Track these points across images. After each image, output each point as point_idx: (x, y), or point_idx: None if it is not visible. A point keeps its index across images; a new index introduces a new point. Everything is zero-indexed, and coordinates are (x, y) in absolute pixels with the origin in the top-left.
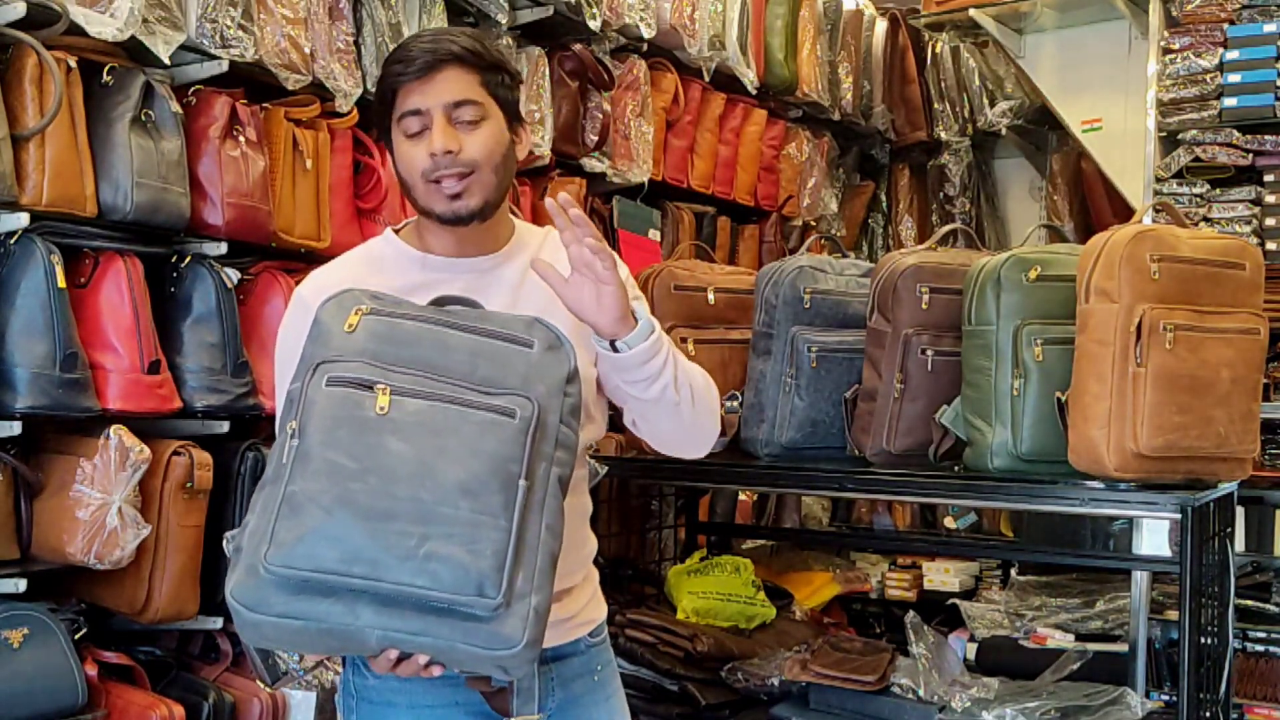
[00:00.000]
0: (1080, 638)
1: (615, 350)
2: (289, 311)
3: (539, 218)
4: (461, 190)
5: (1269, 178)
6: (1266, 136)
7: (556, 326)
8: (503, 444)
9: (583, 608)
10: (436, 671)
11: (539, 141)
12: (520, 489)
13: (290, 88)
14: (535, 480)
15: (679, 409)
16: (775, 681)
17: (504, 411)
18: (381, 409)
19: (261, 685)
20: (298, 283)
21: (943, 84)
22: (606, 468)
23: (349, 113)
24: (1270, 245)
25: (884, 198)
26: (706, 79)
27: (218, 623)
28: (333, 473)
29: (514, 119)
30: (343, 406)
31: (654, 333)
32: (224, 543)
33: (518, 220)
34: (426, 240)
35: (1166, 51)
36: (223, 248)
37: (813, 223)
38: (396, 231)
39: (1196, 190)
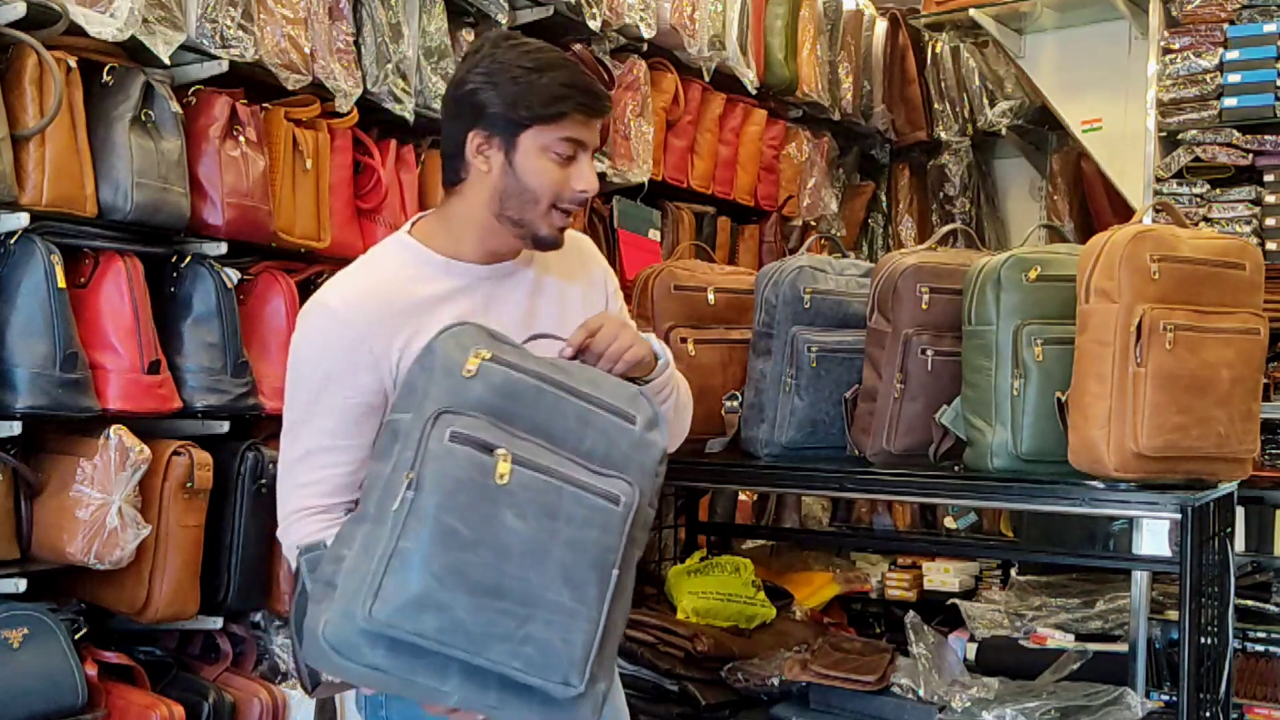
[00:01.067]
0: (1080, 638)
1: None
2: (316, 320)
3: None
4: (571, 224)
5: (1269, 178)
6: (1266, 136)
7: (656, 404)
8: (606, 534)
9: None
10: None
11: None
12: (613, 579)
13: (290, 88)
14: (625, 567)
15: (670, 417)
16: (775, 681)
17: (610, 498)
18: (502, 478)
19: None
20: (298, 283)
21: (943, 84)
22: None
23: (349, 113)
24: (1270, 245)
25: (884, 198)
26: (706, 79)
27: (218, 623)
28: (448, 539)
29: None
30: (464, 469)
31: (669, 366)
32: (295, 556)
33: None
34: (460, 241)
35: (1166, 51)
36: (223, 248)
37: (813, 223)
38: (410, 233)
39: (1196, 190)
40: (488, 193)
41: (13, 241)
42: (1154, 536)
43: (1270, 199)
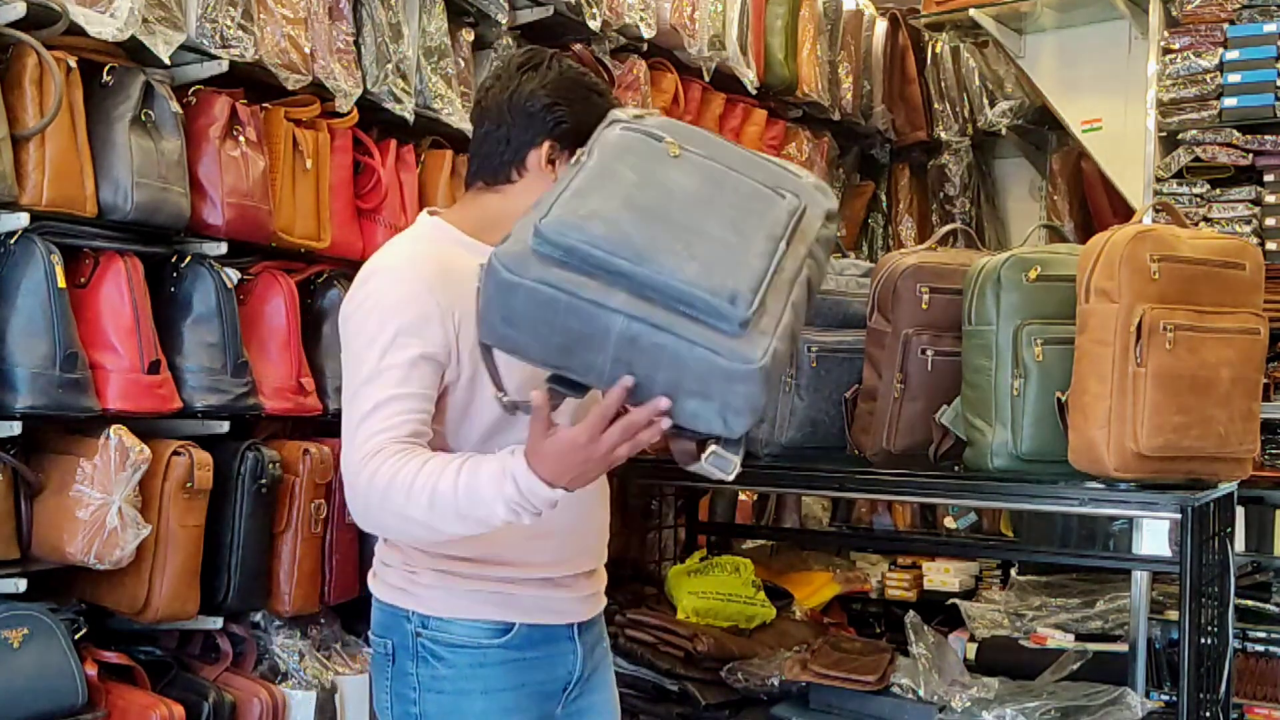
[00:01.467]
0: (1080, 638)
1: None
2: (380, 280)
3: None
4: None
5: (1269, 178)
6: (1266, 136)
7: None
8: (770, 211)
9: (603, 583)
10: (665, 424)
11: None
12: (780, 249)
13: (290, 88)
14: (790, 259)
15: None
16: (775, 681)
17: (776, 191)
18: (671, 152)
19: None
20: (298, 283)
21: (943, 84)
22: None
23: (349, 113)
24: (1270, 245)
25: (884, 198)
26: (706, 79)
27: (217, 623)
28: (618, 178)
29: None
30: (633, 139)
31: None
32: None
33: None
34: (485, 232)
35: (1166, 51)
36: (223, 248)
37: None
38: (434, 215)
39: (1196, 190)
40: (518, 191)
41: (13, 241)
42: (1154, 536)
43: (1270, 199)
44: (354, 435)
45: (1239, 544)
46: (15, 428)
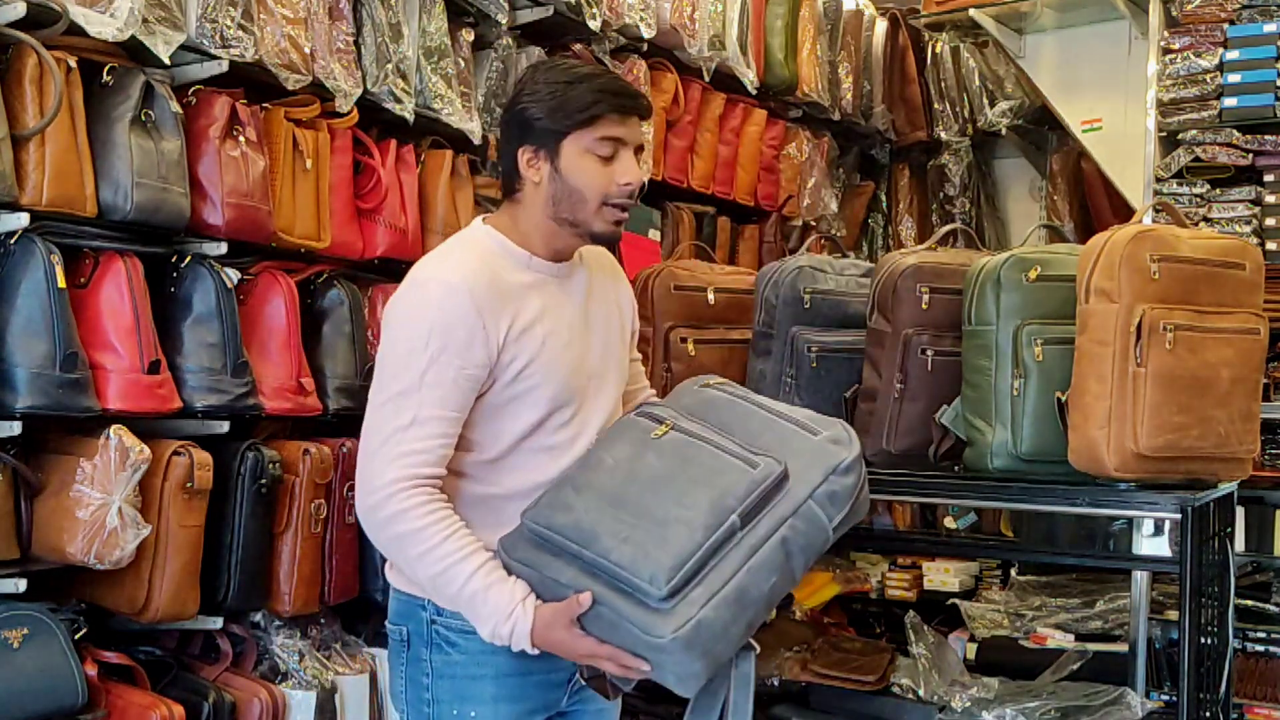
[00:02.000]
0: (1080, 638)
1: None
2: (436, 292)
3: None
4: (626, 219)
5: (1269, 178)
6: (1266, 136)
7: (852, 431)
8: (733, 484)
9: None
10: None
11: None
12: (729, 522)
13: (290, 88)
14: (754, 528)
15: None
16: (775, 681)
17: (748, 463)
18: (656, 434)
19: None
20: (298, 283)
21: (943, 84)
22: None
23: (349, 113)
24: (1270, 245)
25: (884, 198)
26: (706, 79)
27: (218, 622)
28: (594, 465)
29: None
30: (631, 425)
31: None
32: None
33: None
34: (531, 241)
35: (1166, 51)
36: (223, 248)
37: (813, 223)
38: (487, 224)
39: (1196, 190)
40: (542, 199)
41: (13, 241)
42: (1154, 536)
43: (1270, 199)
44: (386, 444)
45: (1239, 544)
46: (15, 428)
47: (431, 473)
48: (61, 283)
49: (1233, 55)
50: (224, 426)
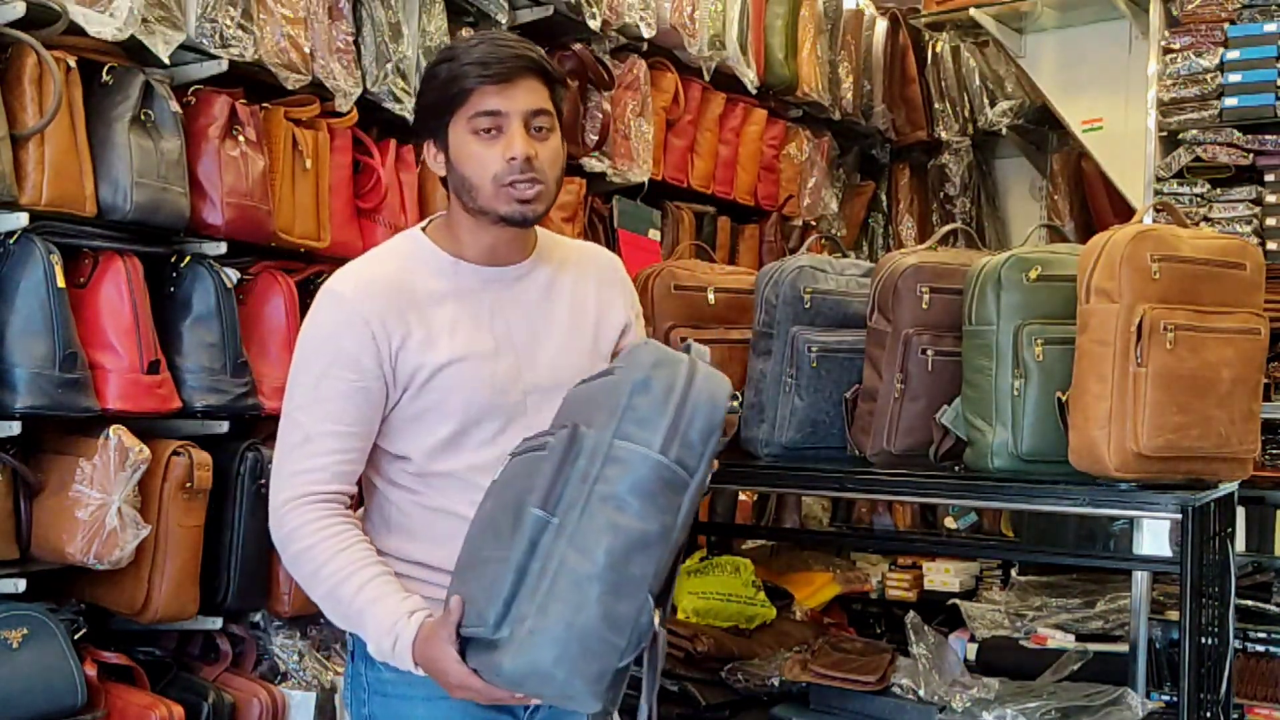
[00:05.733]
0: (1081, 638)
1: None
2: (324, 306)
3: None
4: (533, 196)
5: (1269, 177)
6: (1267, 136)
7: (656, 346)
8: (529, 479)
9: None
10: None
11: None
12: (530, 519)
13: (290, 87)
14: (560, 506)
15: None
16: (775, 682)
17: (540, 448)
18: (497, 475)
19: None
20: (298, 283)
21: (943, 84)
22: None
23: (349, 112)
24: (1271, 245)
25: (884, 197)
26: (706, 79)
27: (217, 623)
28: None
29: (564, 135)
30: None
31: None
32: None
33: (538, 227)
34: (460, 242)
35: (1167, 51)
36: (222, 247)
37: (813, 222)
38: (424, 230)
39: (1197, 190)
40: (452, 194)
41: (12, 241)
42: (1154, 536)
43: (1271, 199)
44: (282, 465)
45: (1239, 544)
46: (15, 428)
47: (327, 490)
48: (61, 282)
49: (1233, 55)
50: (223, 426)
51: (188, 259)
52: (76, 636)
